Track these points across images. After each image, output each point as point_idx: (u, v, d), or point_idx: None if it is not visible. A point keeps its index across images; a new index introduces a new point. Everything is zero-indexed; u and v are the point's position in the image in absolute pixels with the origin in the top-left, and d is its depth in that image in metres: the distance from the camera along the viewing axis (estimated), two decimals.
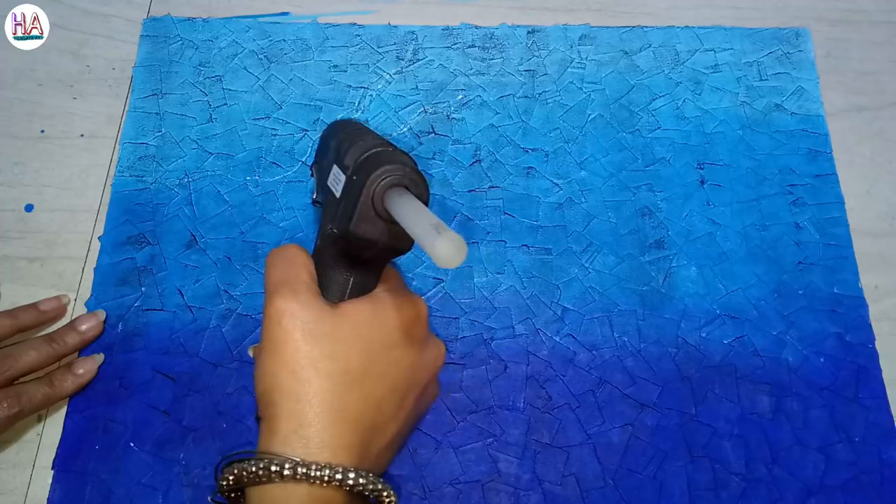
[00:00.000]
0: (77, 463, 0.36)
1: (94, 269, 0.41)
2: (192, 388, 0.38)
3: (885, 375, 0.39)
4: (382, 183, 0.27)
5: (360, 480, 0.27)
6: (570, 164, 0.44)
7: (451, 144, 0.44)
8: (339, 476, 0.26)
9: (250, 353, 0.38)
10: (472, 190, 0.43)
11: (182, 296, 0.40)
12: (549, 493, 0.37)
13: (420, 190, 0.28)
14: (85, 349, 0.39)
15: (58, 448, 0.37)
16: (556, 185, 0.43)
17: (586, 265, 0.41)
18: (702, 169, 0.44)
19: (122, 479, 0.36)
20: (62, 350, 0.37)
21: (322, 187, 0.33)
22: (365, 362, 0.28)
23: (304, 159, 0.44)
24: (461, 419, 0.38)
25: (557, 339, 0.40)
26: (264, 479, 0.26)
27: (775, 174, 0.44)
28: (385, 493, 0.28)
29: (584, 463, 0.37)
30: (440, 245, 0.22)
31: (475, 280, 0.41)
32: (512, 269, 0.41)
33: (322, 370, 0.27)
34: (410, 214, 0.25)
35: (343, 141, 0.31)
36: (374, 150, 0.29)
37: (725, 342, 0.40)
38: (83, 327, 0.38)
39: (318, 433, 0.27)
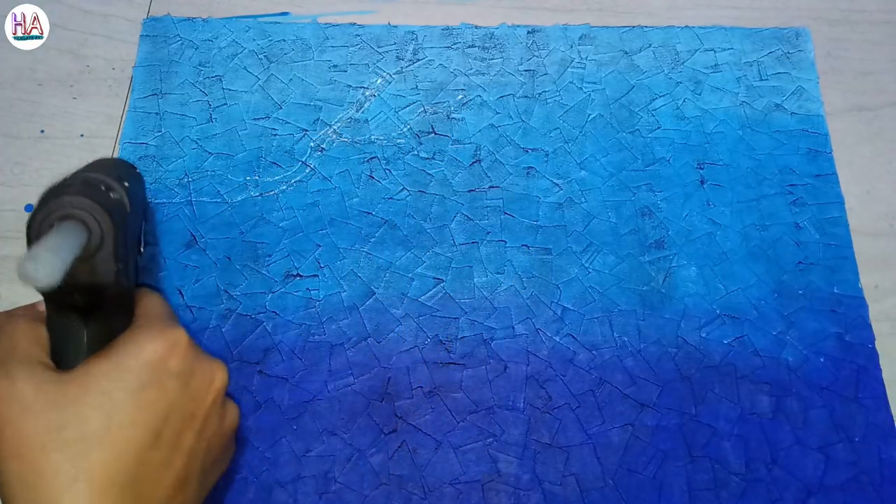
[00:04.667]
0: None
1: None
2: None
3: (885, 375, 0.39)
4: (44, 221, 0.26)
5: None
6: (570, 164, 0.44)
7: (451, 144, 0.44)
8: None
9: None
10: (472, 190, 0.43)
11: (182, 296, 0.40)
12: (549, 493, 0.37)
13: (94, 216, 0.26)
14: None
15: None
16: (556, 185, 0.43)
17: (586, 265, 0.41)
18: (702, 169, 0.44)
19: None
20: None
21: None
22: (105, 419, 0.26)
23: (303, 159, 0.44)
24: (461, 419, 0.38)
25: (557, 339, 0.40)
26: None
27: (775, 174, 0.44)
28: None
29: (584, 463, 0.37)
30: (22, 263, 0.22)
31: (475, 280, 0.41)
32: (512, 269, 0.41)
33: (50, 444, 0.25)
34: (42, 239, 0.24)
35: None
36: (48, 188, 0.27)
37: (725, 342, 0.40)
38: None
39: None
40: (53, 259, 0.22)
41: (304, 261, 0.41)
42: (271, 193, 0.43)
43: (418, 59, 0.47)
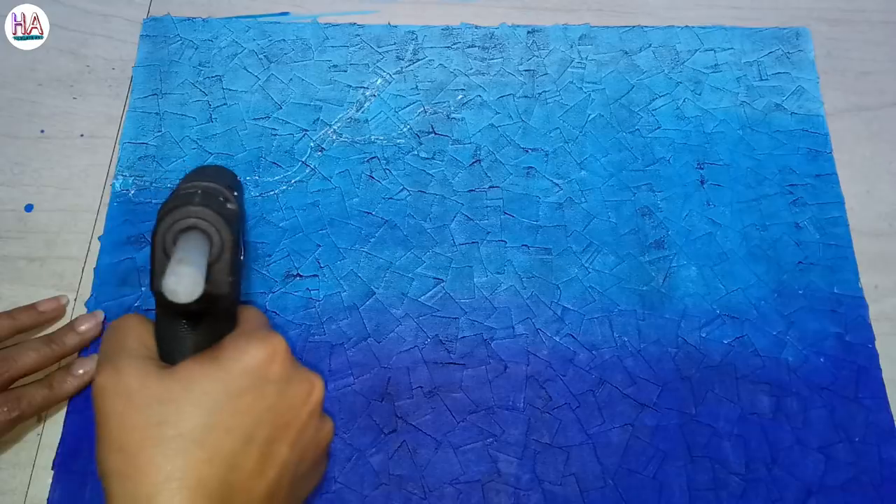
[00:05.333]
0: (77, 463, 0.36)
1: (94, 269, 0.41)
2: None
3: (885, 375, 0.39)
4: (169, 230, 0.26)
5: None
6: (570, 164, 0.44)
7: (451, 144, 0.44)
8: None
9: None
10: (472, 190, 0.43)
11: None
12: (549, 493, 0.37)
13: (215, 227, 0.27)
14: (85, 350, 0.39)
15: (58, 448, 0.37)
16: (556, 185, 0.43)
17: (586, 265, 0.41)
18: (702, 169, 0.44)
19: None
20: (61, 351, 0.37)
21: None
22: (203, 418, 0.26)
23: (303, 159, 0.44)
24: (461, 419, 0.38)
25: (557, 339, 0.40)
26: None
27: (775, 174, 0.44)
28: None
29: (584, 463, 0.37)
30: (165, 279, 0.22)
31: (475, 280, 0.41)
32: (512, 269, 0.41)
33: (149, 439, 0.25)
34: (175, 253, 0.24)
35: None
36: (170, 197, 0.28)
37: (725, 342, 0.40)
38: (82, 328, 0.38)
39: None
40: (195, 274, 0.23)
41: (304, 261, 0.41)
42: (271, 193, 0.43)
43: (418, 59, 0.47)
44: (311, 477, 0.32)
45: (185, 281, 0.22)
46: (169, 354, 0.29)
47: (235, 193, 0.30)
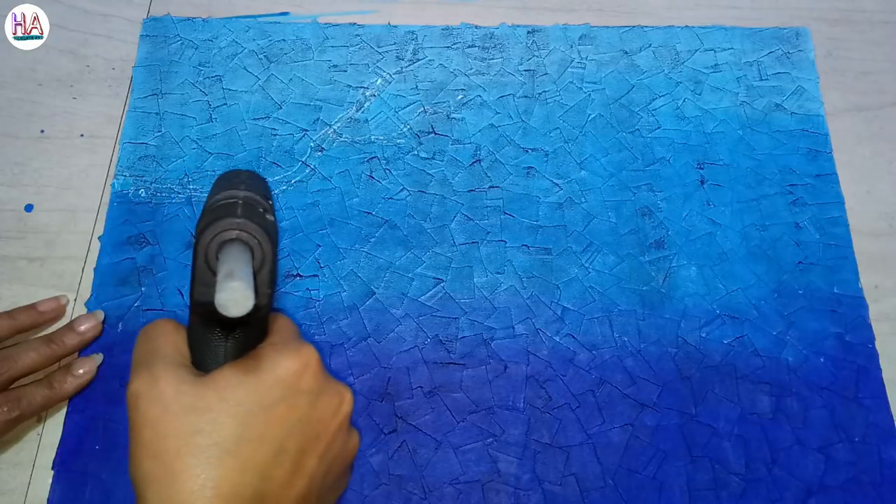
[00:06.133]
0: (77, 463, 0.36)
1: (94, 269, 0.41)
2: None
3: (885, 375, 0.39)
4: (212, 242, 0.26)
5: None
6: (570, 164, 0.44)
7: (451, 144, 0.44)
8: None
9: None
10: (472, 190, 0.43)
11: (182, 296, 0.40)
12: (549, 493, 0.37)
13: (257, 239, 0.27)
14: (84, 349, 0.39)
15: (58, 448, 0.37)
16: (556, 185, 0.43)
17: (586, 265, 0.41)
18: (702, 169, 0.44)
19: (122, 479, 0.36)
20: (61, 351, 0.37)
21: None
22: (238, 428, 0.26)
23: (303, 159, 0.44)
24: (461, 419, 0.38)
25: (557, 339, 0.40)
26: None
27: (775, 174, 0.44)
28: None
29: (584, 463, 0.37)
30: (217, 293, 0.23)
31: (475, 280, 0.41)
32: (512, 269, 0.41)
33: (185, 447, 0.25)
34: (221, 265, 0.25)
35: (208, 198, 0.30)
36: (211, 207, 0.28)
37: (725, 342, 0.40)
38: (82, 328, 0.38)
39: None
40: (246, 288, 0.23)
41: (304, 261, 0.41)
42: (271, 193, 0.43)
43: (418, 59, 0.47)
44: (336, 488, 0.33)
45: (236, 295, 0.23)
46: (201, 362, 0.29)
47: (270, 202, 0.30)
